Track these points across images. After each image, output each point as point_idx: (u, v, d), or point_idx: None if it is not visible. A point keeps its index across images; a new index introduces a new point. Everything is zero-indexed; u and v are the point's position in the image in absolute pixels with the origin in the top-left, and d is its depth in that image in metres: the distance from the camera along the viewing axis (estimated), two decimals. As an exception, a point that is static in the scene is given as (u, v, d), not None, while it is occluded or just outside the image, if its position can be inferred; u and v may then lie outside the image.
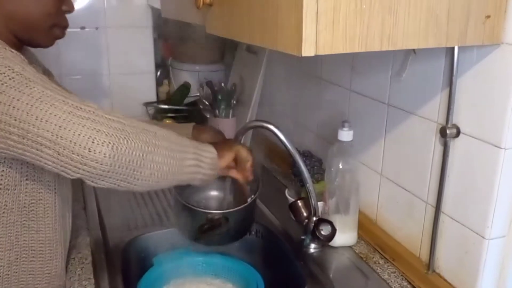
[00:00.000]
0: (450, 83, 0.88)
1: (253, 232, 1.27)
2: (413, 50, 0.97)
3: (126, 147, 0.76)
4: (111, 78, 1.99)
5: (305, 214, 1.12)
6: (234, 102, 1.71)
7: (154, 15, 1.99)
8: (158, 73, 2.14)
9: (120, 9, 1.92)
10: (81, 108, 0.75)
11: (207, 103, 1.75)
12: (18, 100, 0.73)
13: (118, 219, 1.31)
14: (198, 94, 1.89)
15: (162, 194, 1.45)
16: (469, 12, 0.73)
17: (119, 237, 1.21)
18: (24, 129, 0.73)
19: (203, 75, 2.03)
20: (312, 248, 1.14)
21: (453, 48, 0.86)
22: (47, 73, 1.05)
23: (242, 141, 1.11)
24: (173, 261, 1.11)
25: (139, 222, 1.29)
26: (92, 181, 0.76)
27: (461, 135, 0.89)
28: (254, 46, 1.72)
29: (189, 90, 2.04)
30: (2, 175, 0.84)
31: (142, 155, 0.78)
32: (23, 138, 0.74)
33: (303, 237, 1.15)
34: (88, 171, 0.74)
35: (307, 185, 1.10)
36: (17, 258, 0.91)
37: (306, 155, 1.39)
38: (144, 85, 2.06)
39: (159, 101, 2.11)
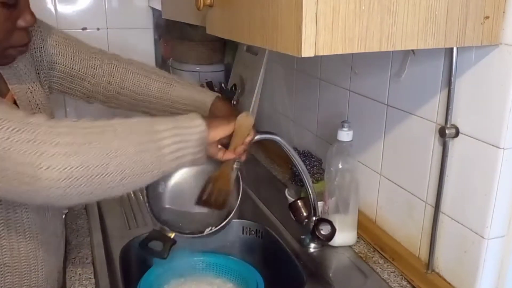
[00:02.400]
0: (449, 84, 0.88)
1: (253, 232, 1.27)
2: (412, 50, 0.97)
3: (79, 164, 0.67)
4: (112, 78, 1.99)
5: (304, 213, 1.12)
6: (235, 102, 1.71)
7: (155, 16, 2.00)
8: (159, 73, 2.14)
9: (121, 10, 1.92)
10: (19, 130, 0.67)
11: (207, 103, 1.75)
12: None
13: (119, 218, 1.31)
14: (199, 94, 1.89)
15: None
16: (467, 13, 0.73)
17: (119, 236, 1.21)
18: None
19: (204, 75, 2.03)
20: (312, 247, 1.14)
21: (452, 49, 0.86)
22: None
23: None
24: (173, 261, 1.10)
25: (139, 221, 1.29)
26: (57, 203, 0.70)
27: (460, 135, 0.89)
28: (254, 46, 1.72)
29: (189, 91, 2.04)
30: None
31: (103, 164, 0.69)
32: None
33: (303, 236, 1.16)
34: (45, 196, 0.68)
35: (307, 185, 1.10)
36: None
37: (306, 155, 1.39)
38: (144, 86, 2.06)
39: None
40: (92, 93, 1.11)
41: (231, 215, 0.96)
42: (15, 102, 0.92)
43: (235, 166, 0.93)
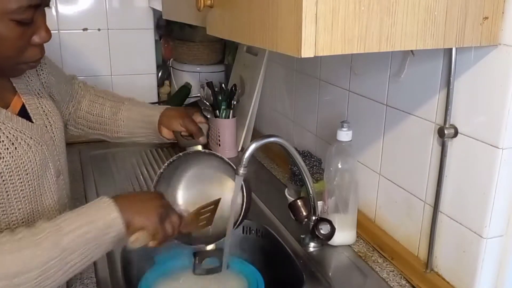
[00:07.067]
0: (448, 84, 0.89)
1: (253, 231, 1.27)
2: (411, 51, 0.97)
3: None
4: (113, 79, 2.00)
5: (304, 213, 1.12)
6: (235, 102, 1.72)
7: (156, 17, 2.01)
8: (159, 74, 2.15)
9: (122, 11, 1.93)
10: None
11: (207, 103, 1.75)
12: None
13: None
14: (199, 94, 1.90)
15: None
16: (466, 13, 0.73)
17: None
18: None
19: (204, 76, 2.04)
20: (312, 247, 1.14)
21: (451, 49, 0.86)
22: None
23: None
24: (174, 259, 1.11)
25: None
26: None
27: (459, 135, 0.90)
28: (254, 47, 1.73)
29: (189, 91, 2.05)
30: None
31: None
32: None
33: (302, 236, 1.16)
34: None
35: (308, 184, 1.10)
36: None
37: (306, 155, 1.40)
38: (145, 86, 2.07)
39: (160, 101, 2.12)
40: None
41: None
42: (22, 108, 0.91)
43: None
